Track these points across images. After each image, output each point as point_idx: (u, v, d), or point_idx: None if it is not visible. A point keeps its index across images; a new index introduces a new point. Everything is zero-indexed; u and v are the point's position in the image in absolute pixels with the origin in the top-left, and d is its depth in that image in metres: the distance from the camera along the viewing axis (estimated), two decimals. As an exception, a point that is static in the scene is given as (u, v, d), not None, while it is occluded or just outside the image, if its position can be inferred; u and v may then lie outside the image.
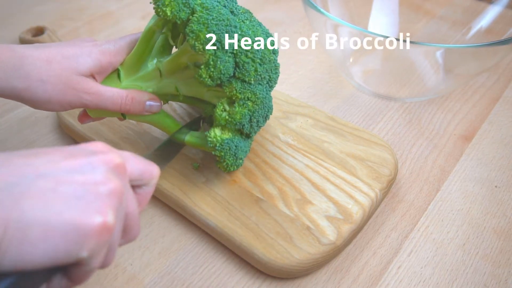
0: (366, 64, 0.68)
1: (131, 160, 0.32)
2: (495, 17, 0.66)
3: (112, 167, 0.29)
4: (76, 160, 0.28)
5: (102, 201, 0.27)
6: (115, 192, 0.28)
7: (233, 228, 0.44)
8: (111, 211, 0.27)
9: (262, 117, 0.46)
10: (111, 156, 0.29)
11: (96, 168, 0.28)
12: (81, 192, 0.27)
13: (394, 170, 0.50)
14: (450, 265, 0.45)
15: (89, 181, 0.27)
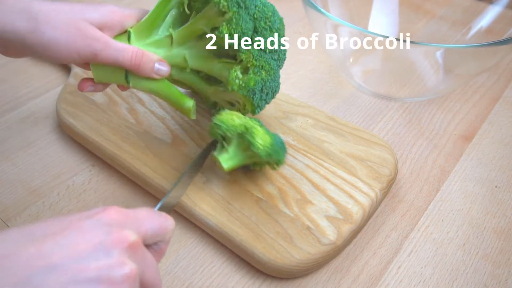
0: (366, 64, 0.67)
1: (147, 221, 0.32)
2: (495, 17, 0.66)
3: (126, 247, 0.28)
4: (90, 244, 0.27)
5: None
6: (130, 276, 0.27)
7: (233, 228, 0.44)
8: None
9: (272, 91, 0.48)
10: (125, 235, 0.28)
11: (111, 251, 0.27)
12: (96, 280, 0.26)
13: (394, 170, 0.50)
14: (450, 265, 0.45)
15: (103, 267, 0.26)
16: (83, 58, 0.42)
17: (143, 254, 0.30)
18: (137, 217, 0.31)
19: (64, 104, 0.58)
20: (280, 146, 0.45)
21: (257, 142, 0.43)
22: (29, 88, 0.65)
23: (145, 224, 0.31)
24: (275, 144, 0.44)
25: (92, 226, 0.28)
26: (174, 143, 0.53)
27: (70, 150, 0.56)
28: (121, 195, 0.51)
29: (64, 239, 0.27)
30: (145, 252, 0.30)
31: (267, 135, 0.44)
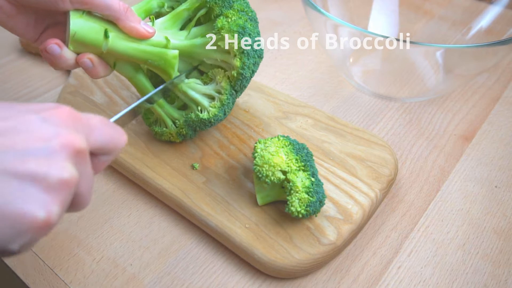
0: (366, 64, 0.68)
1: (98, 129, 0.30)
2: (495, 17, 0.66)
3: (72, 153, 0.26)
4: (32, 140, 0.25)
5: (50, 194, 0.25)
6: (68, 184, 0.26)
7: (233, 228, 0.44)
8: (57, 206, 0.25)
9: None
10: (73, 140, 0.27)
11: (53, 152, 0.25)
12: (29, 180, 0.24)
13: (394, 170, 0.50)
14: (450, 265, 0.45)
15: (42, 166, 0.25)
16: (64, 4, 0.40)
17: (85, 165, 0.28)
18: (89, 124, 0.29)
19: (64, 104, 0.58)
20: (319, 198, 0.43)
21: (292, 207, 0.42)
22: (29, 88, 0.65)
23: (95, 134, 0.30)
24: (311, 204, 0.42)
25: (38, 122, 0.26)
26: (174, 143, 0.53)
27: (70, 150, 0.56)
28: (121, 195, 0.51)
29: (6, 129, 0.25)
30: (87, 163, 0.28)
31: (305, 194, 0.42)
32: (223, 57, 0.48)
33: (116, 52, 0.44)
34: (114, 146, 0.31)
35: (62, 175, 0.25)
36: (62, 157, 0.26)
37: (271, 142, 0.45)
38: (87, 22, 0.42)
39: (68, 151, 0.26)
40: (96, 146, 0.30)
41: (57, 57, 0.41)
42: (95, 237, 0.47)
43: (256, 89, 0.60)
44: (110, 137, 0.31)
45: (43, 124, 0.26)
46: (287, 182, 0.43)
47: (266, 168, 0.42)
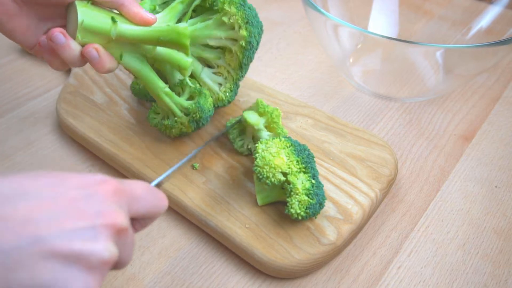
0: (366, 64, 0.67)
1: (142, 199, 0.31)
2: (495, 17, 0.66)
3: (114, 232, 0.27)
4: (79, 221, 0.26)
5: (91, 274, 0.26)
6: (108, 263, 0.27)
7: (233, 228, 0.44)
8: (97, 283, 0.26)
9: None
10: (116, 219, 0.28)
11: (98, 234, 0.26)
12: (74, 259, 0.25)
13: (394, 170, 0.50)
14: (450, 265, 0.45)
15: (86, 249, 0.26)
16: None
17: (126, 238, 0.29)
18: (133, 194, 0.30)
19: (64, 104, 0.58)
20: (319, 200, 0.43)
21: (292, 209, 0.42)
22: (29, 88, 0.65)
23: (138, 203, 0.31)
24: (311, 206, 0.42)
25: (86, 201, 0.27)
26: (174, 143, 0.53)
27: (70, 150, 0.56)
28: (121, 195, 0.51)
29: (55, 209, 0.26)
30: (128, 238, 0.30)
31: (305, 196, 0.42)
32: (227, 34, 0.49)
33: (126, 37, 0.44)
34: (157, 212, 0.33)
35: (104, 256, 0.26)
36: (105, 237, 0.27)
37: (273, 143, 0.45)
38: (93, 11, 0.42)
39: (111, 231, 0.27)
40: (139, 214, 0.31)
41: (61, 47, 0.40)
42: (95, 237, 0.47)
43: (256, 89, 0.60)
44: (152, 205, 0.32)
45: (89, 201, 0.27)
46: (287, 184, 0.43)
47: (267, 170, 0.42)
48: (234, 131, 0.52)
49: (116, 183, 0.29)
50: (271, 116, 0.50)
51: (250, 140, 0.51)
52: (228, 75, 0.52)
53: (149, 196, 0.32)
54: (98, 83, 0.61)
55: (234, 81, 0.53)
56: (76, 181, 0.28)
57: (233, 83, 0.53)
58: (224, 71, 0.52)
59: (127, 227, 0.29)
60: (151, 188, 0.32)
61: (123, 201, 0.29)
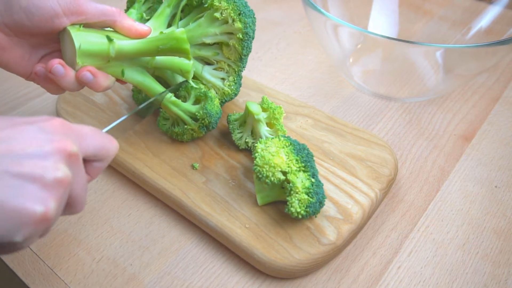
0: (366, 64, 0.68)
1: (89, 137, 0.32)
2: (495, 17, 0.66)
3: (64, 156, 0.29)
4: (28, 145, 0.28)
5: (47, 191, 0.28)
6: (62, 183, 0.28)
7: (233, 228, 0.44)
8: (53, 202, 0.28)
9: None
10: (65, 144, 0.29)
11: (48, 155, 0.28)
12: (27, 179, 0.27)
13: (394, 170, 0.50)
14: (450, 265, 0.45)
15: (38, 166, 0.27)
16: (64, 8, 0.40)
17: (78, 167, 0.31)
18: (80, 132, 0.32)
19: (64, 104, 0.58)
20: (319, 199, 0.43)
21: (292, 207, 0.42)
22: (29, 88, 0.65)
23: (87, 141, 0.32)
24: (311, 205, 0.42)
25: (33, 131, 0.29)
26: (174, 143, 0.53)
27: (70, 150, 0.56)
28: (121, 195, 0.51)
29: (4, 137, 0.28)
30: (80, 166, 0.31)
31: (305, 195, 0.42)
32: (222, 29, 0.49)
33: (125, 52, 0.44)
34: (106, 152, 0.34)
35: (57, 175, 0.28)
36: (56, 159, 0.28)
37: (272, 142, 0.45)
38: (87, 33, 0.42)
39: (62, 154, 0.29)
40: (89, 153, 0.32)
41: (61, 77, 0.42)
42: (95, 237, 0.47)
43: (256, 89, 0.60)
44: (101, 144, 0.33)
45: (38, 132, 0.29)
46: (287, 183, 0.43)
47: (266, 169, 0.42)
48: (235, 122, 0.52)
49: (62, 120, 0.31)
50: (273, 113, 0.50)
51: (249, 134, 0.51)
52: (229, 68, 0.53)
53: (97, 136, 0.33)
54: (98, 83, 0.61)
55: (236, 73, 0.53)
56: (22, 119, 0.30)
57: (236, 75, 0.53)
58: (225, 65, 0.52)
59: (77, 153, 0.30)
60: (99, 130, 0.34)
61: (72, 136, 0.31)
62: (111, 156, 0.34)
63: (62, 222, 0.48)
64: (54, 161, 0.28)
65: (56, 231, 0.47)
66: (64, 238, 0.46)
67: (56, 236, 0.47)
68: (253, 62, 0.70)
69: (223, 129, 0.54)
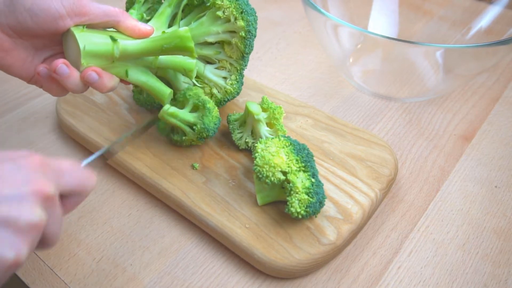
0: (366, 64, 0.67)
1: (67, 174, 0.32)
2: (495, 17, 0.66)
3: (41, 198, 0.28)
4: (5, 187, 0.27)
5: (20, 236, 0.27)
6: (36, 227, 0.28)
7: (233, 228, 0.44)
8: (26, 247, 0.27)
9: None
10: (43, 186, 0.29)
11: (24, 198, 0.28)
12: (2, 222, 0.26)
13: (394, 170, 0.50)
14: (450, 265, 0.45)
15: (13, 212, 0.27)
16: (68, 9, 0.40)
17: (54, 208, 0.30)
18: (59, 168, 0.32)
19: (64, 104, 0.58)
20: (319, 199, 0.43)
21: (292, 207, 0.42)
22: (29, 88, 0.65)
23: (65, 178, 0.32)
24: (311, 205, 0.42)
25: (12, 170, 0.28)
26: (174, 143, 0.53)
27: (70, 150, 0.56)
28: (121, 195, 0.51)
29: None
30: (56, 207, 0.31)
31: (305, 195, 0.42)
32: (224, 27, 0.49)
33: (129, 52, 0.44)
34: (84, 188, 0.33)
35: (32, 219, 0.27)
36: (32, 202, 0.28)
37: (272, 142, 0.45)
38: (91, 34, 0.42)
39: (38, 197, 0.28)
40: (66, 189, 0.32)
41: (65, 78, 0.41)
42: (95, 237, 0.47)
43: (256, 89, 0.60)
44: (79, 181, 0.33)
45: (15, 170, 0.29)
46: (287, 183, 0.43)
47: (266, 169, 0.42)
48: (235, 122, 0.52)
49: (42, 157, 0.31)
50: (273, 113, 0.50)
51: (249, 134, 0.51)
52: (231, 67, 0.53)
53: (75, 172, 0.33)
54: (98, 83, 0.61)
55: (238, 72, 0.53)
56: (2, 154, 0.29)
57: (238, 74, 0.53)
58: (226, 64, 0.52)
59: (54, 195, 0.30)
60: (78, 166, 0.33)
61: (50, 174, 0.31)
62: (88, 191, 0.34)
63: (62, 222, 0.48)
64: (30, 204, 0.28)
65: (56, 231, 0.47)
66: (64, 238, 0.46)
67: (56, 236, 0.47)
68: (253, 62, 0.70)
69: (223, 129, 0.54)
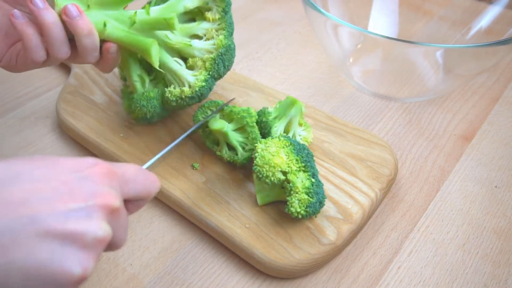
0: (366, 64, 0.68)
1: (132, 182, 0.32)
2: (495, 17, 0.66)
3: (108, 212, 0.28)
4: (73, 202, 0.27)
5: (87, 251, 0.27)
6: (103, 242, 0.28)
7: (233, 228, 0.44)
8: (92, 261, 0.27)
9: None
10: (109, 200, 0.29)
11: (92, 213, 0.27)
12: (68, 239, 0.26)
13: (394, 170, 0.50)
14: (450, 265, 0.45)
15: (80, 228, 0.27)
16: None
17: (120, 219, 0.30)
18: (124, 176, 0.31)
19: (64, 104, 0.58)
20: (319, 199, 0.43)
21: (292, 207, 0.42)
22: (29, 88, 0.65)
23: (130, 185, 0.32)
24: (311, 205, 0.42)
25: (79, 183, 0.28)
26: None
27: (70, 150, 0.56)
28: (121, 195, 0.51)
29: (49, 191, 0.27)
30: (122, 217, 0.30)
31: (305, 195, 0.42)
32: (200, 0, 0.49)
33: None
34: (148, 193, 0.33)
35: (98, 234, 0.27)
36: (98, 217, 0.28)
37: (272, 142, 0.45)
38: None
39: (105, 211, 0.28)
40: (130, 196, 0.32)
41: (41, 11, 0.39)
42: (95, 237, 0.47)
43: (256, 89, 0.60)
44: (144, 186, 0.33)
45: (82, 183, 0.28)
46: (287, 183, 0.43)
47: (266, 169, 0.42)
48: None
49: (108, 166, 0.30)
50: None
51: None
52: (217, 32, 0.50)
53: (140, 178, 0.33)
54: (98, 83, 0.61)
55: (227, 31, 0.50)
56: (68, 164, 0.29)
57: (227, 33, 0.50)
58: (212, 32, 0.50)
59: (119, 207, 0.29)
60: (142, 170, 0.33)
61: (115, 183, 0.30)
62: (152, 195, 0.34)
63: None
64: (97, 219, 0.27)
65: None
66: (64, 238, 0.46)
67: (56, 236, 0.47)
68: (253, 62, 0.70)
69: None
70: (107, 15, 0.44)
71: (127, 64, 0.50)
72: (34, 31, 0.40)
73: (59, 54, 0.41)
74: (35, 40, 0.40)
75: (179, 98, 0.49)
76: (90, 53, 0.43)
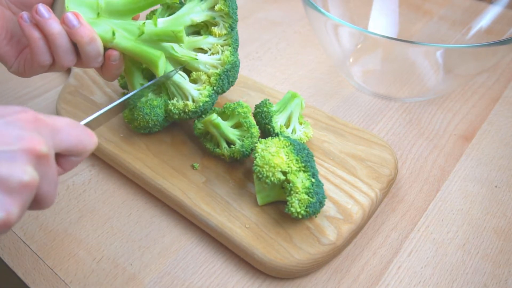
0: (366, 64, 0.68)
1: (64, 132, 0.30)
2: (495, 17, 0.66)
3: (33, 157, 0.27)
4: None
5: (10, 196, 0.26)
6: (28, 187, 0.27)
7: (233, 228, 0.44)
8: (16, 207, 0.26)
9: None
10: (35, 144, 0.27)
11: (16, 156, 0.26)
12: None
13: (394, 170, 0.50)
14: (450, 265, 0.45)
15: (3, 170, 0.26)
16: None
17: (48, 167, 0.29)
18: (54, 125, 0.30)
19: (64, 104, 0.58)
20: (319, 199, 0.43)
21: (292, 207, 0.42)
22: (29, 88, 0.65)
23: (61, 136, 0.30)
24: (311, 205, 0.42)
25: (5, 127, 0.27)
26: (174, 143, 0.53)
27: (70, 150, 0.56)
28: (121, 195, 0.51)
29: None
30: (50, 166, 0.29)
31: (305, 195, 0.42)
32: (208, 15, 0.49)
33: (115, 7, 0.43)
34: (83, 147, 0.32)
35: (23, 178, 0.26)
36: (23, 161, 0.27)
37: (272, 142, 0.45)
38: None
39: (30, 155, 0.27)
40: (62, 148, 0.31)
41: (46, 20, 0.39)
42: (95, 237, 0.47)
43: (256, 89, 0.60)
44: (77, 139, 0.31)
45: (7, 127, 0.27)
46: (287, 183, 0.43)
47: (266, 169, 0.42)
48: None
49: (36, 114, 0.29)
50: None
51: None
52: (222, 47, 0.50)
53: (74, 130, 0.31)
54: (98, 83, 0.61)
55: (232, 47, 0.50)
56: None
57: (232, 48, 0.50)
58: (217, 47, 0.50)
59: (47, 154, 0.28)
60: (77, 124, 0.32)
61: (44, 131, 0.29)
62: (88, 151, 0.32)
63: (62, 222, 0.48)
64: (21, 163, 0.26)
65: (56, 231, 0.47)
66: (64, 238, 0.46)
67: (56, 236, 0.47)
68: (253, 62, 0.70)
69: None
70: (116, 24, 0.44)
71: (130, 72, 0.50)
72: (41, 35, 0.40)
73: (65, 62, 0.42)
74: (41, 44, 0.40)
75: (182, 111, 0.49)
76: (93, 59, 0.43)
